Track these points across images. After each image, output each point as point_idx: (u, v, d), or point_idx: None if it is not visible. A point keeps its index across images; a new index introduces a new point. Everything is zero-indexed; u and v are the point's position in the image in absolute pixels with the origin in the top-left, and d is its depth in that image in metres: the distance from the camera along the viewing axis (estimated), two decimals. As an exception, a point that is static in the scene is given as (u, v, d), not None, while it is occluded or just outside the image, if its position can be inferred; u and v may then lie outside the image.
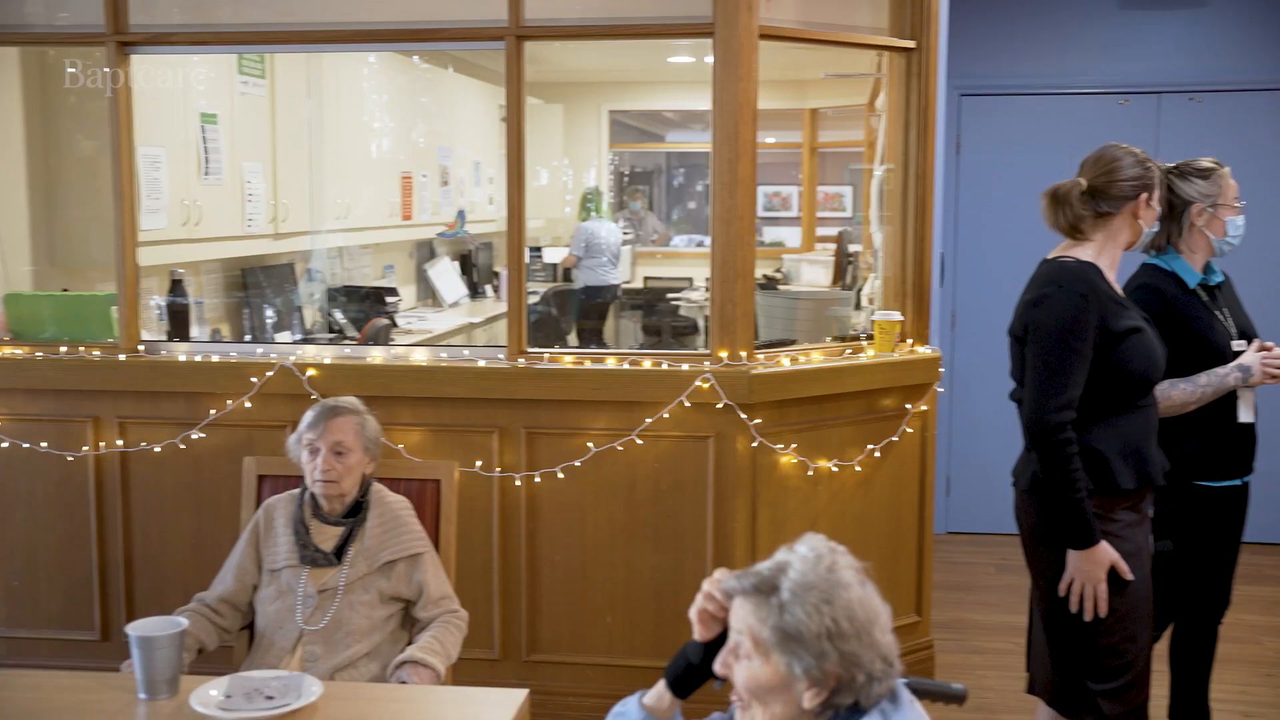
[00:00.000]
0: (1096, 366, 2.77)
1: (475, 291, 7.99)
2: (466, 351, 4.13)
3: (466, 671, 3.54)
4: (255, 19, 4.09)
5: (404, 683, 2.71)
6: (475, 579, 3.99)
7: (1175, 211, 3.32)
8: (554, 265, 9.06)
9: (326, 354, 4.12)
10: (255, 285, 5.42)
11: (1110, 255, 2.90)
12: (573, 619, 4.03)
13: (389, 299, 6.27)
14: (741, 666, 1.76)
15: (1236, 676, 4.43)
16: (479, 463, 3.95)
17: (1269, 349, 3.26)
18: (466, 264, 8.04)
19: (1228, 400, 3.27)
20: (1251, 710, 4.18)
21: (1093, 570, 2.78)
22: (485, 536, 4.00)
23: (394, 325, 6.12)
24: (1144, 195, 2.87)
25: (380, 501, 3.01)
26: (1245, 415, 3.29)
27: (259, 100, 5.28)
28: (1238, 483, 3.39)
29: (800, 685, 1.71)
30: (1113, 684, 2.85)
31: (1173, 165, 3.37)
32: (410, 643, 2.93)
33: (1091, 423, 2.79)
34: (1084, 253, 2.88)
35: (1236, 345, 3.30)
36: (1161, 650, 3.48)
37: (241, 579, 2.98)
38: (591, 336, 8.17)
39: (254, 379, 3.99)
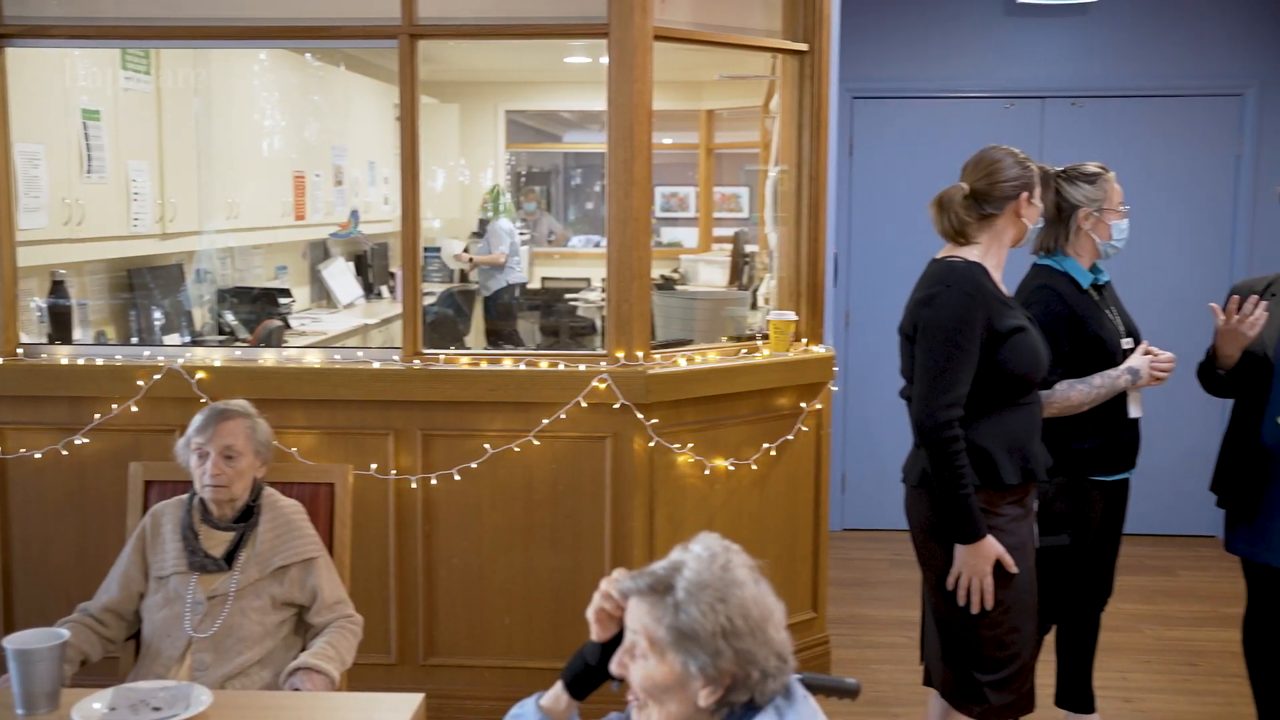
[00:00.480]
0: (982, 365, 2.83)
1: (371, 292, 7.89)
2: (361, 353, 4.08)
3: (362, 677, 3.50)
4: (139, 13, 3.99)
5: (297, 690, 2.67)
6: (371, 583, 3.94)
7: (1063, 215, 3.42)
8: (451, 265, 8.99)
9: (217, 356, 4.03)
10: (142, 286, 5.29)
11: (996, 255, 2.97)
12: (470, 622, 4.01)
13: (282, 300, 6.16)
14: (638, 666, 1.77)
15: (1118, 663, 4.57)
16: (374, 465, 3.90)
17: (1154, 353, 3.38)
18: (362, 264, 7.94)
19: (1119, 398, 3.38)
20: (1131, 695, 4.31)
21: (979, 564, 2.84)
22: (381, 540, 3.96)
23: (287, 327, 6.02)
24: (1025, 194, 2.94)
25: (272, 506, 2.96)
26: (1135, 411, 3.42)
27: (144, 97, 5.15)
28: (1126, 476, 3.51)
29: (696, 684, 1.73)
30: (999, 674, 2.92)
31: (1060, 169, 3.46)
32: (304, 649, 2.88)
33: (977, 419, 2.85)
34: (971, 253, 2.94)
35: (1125, 344, 3.42)
36: (1048, 639, 3.58)
37: (127, 587, 2.90)
38: (510, 336, 8.08)
39: (140, 382, 3.89)
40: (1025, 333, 2.89)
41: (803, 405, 4.21)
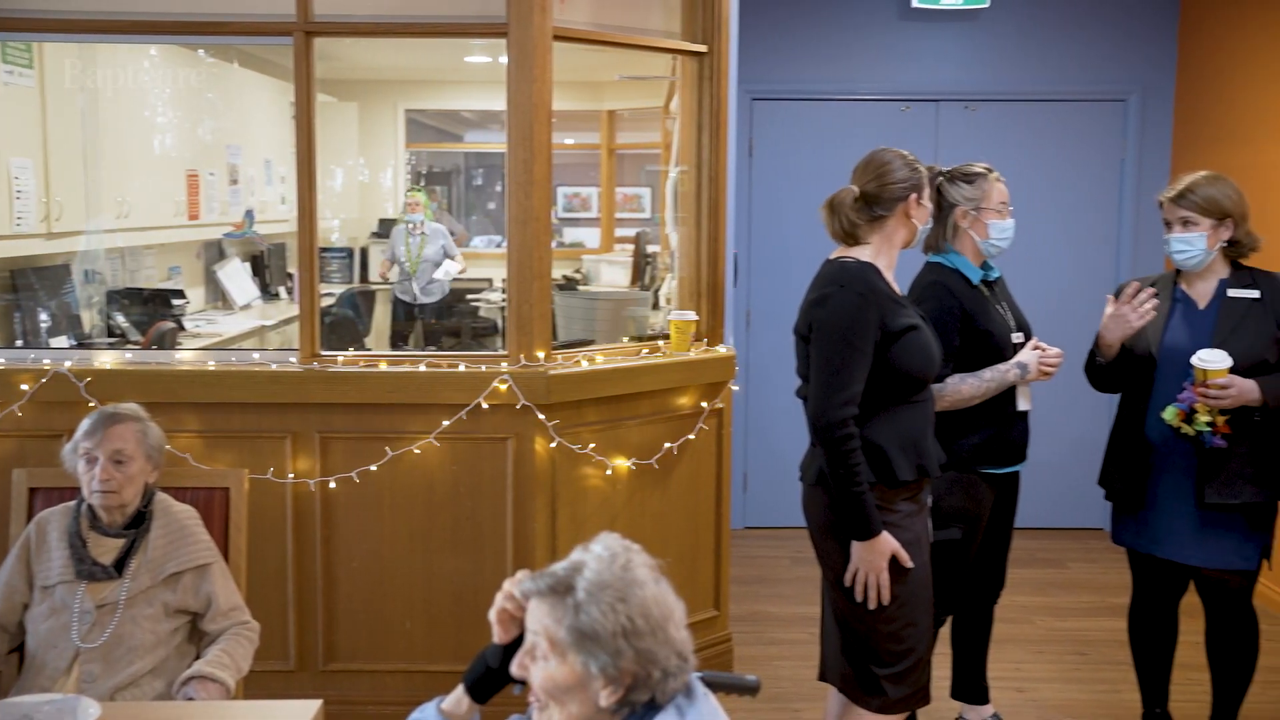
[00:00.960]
0: (876, 363, 2.87)
1: (268, 293, 7.75)
2: (257, 355, 4.00)
3: (260, 684, 3.44)
4: (19, 4, 3.87)
5: (191, 699, 2.61)
6: (269, 589, 3.88)
7: (942, 214, 3.50)
8: (346, 263, 8.86)
9: (106, 359, 3.93)
10: (26, 287, 5.13)
11: (888, 255, 3.02)
12: (371, 626, 3.96)
13: (175, 301, 6.03)
14: (538, 667, 1.76)
15: (1012, 654, 4.68)
16: (271, 469, 3.84)
17: (1042, 348, 3.47)
18: (259, 265, 7.80)
19: (1009, 392, 3.47)
20: (1025, 685, 4.41)
21: (875, 560, 2.88)
22: (279, 544, 3.89)
23: (181, 329, 5.89)
24: (914, 196, 2.99)
25: (165, 511, 2.89)
26: (1023, 405, 3.50)
27: (26, 92, 5.00)
28: (1015, 469, 3.59)
29: (597, 684, 1.73)
30: (897, 667, 2.96)
31: (946, 170, 3.54)
32: (198, 657, 2.82)
33: (871, 417, 2.89)
34: (863, 253, 2.99)
35: (1015, 338, 3.50)
36: (943, 632, 3.65)
37: (9, 598, 2.81)
38: (436, 336, 7.93)
39: (25, 386, 3.77)
40: (918, 331, 2.94)
41: (704, 405, 4.23)
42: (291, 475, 3.86)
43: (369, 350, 7.57)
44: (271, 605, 3.87)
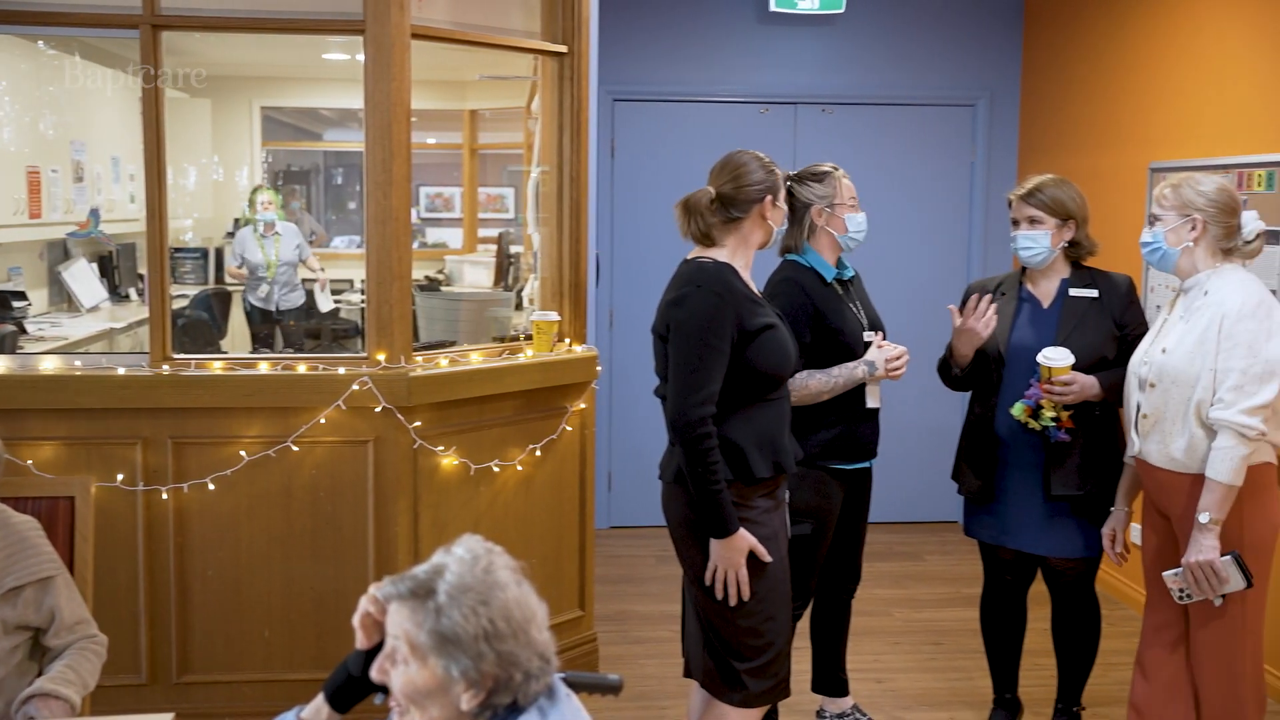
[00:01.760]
0: (733, 363, 2.91)
1: (118, 295, 7.49)
2: (105, 359, 3.87)
3: (109, 700, 3.33)
4: None
5: (32, 719, 2.51)
6: (118, 600, 3.75)
7: (797, 215, 3.57)
8: (201, 264, 8.62)
9: (-60, 364, 3.76)
10: None
11: (744, 256, 3.06)
12: (228, 636, 3.86)
13: (16, 304, 5.80)
14: (398, 672, 1.75)
15: (870, 646, 4.79)
16: (120, 476, 3.72)
17: (883, 347, 3.56)
18: (107, 266, 7.53)
19: (859, 389, 3.55)
20: (883, 676, 4.52)
21: (733, 557, 2.92)
22: (129, 554, 3.77)
23: (22, 332, 5.66)
24: (769, 198, 3.03)
25: (4, 523, 2.77)
26: (872, 402, 3.58)
27: None
28: (866, 465, 3.68)
29: (458, 688, 1.72)
30: (757, 662, 3.01)
31: (793, 173, 3.61)
32: (41, 674, 2.71)
33: (728, 416, 2.93)
34: (720, 254, 3.02)
35: (868, 336, 3.58)
36: (801, 626, 3.72)
37: None
38: (270, 339, 7.74)
39: None
40: (775, 330, 2.99)
41: (567, 405, 4.24)
42: (142, 483, 3.74)
43: (225, 353, 7.38)
44: (122, 617, 3.75)
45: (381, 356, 3.80)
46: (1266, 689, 3.35)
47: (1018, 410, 3.51)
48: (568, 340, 4.37)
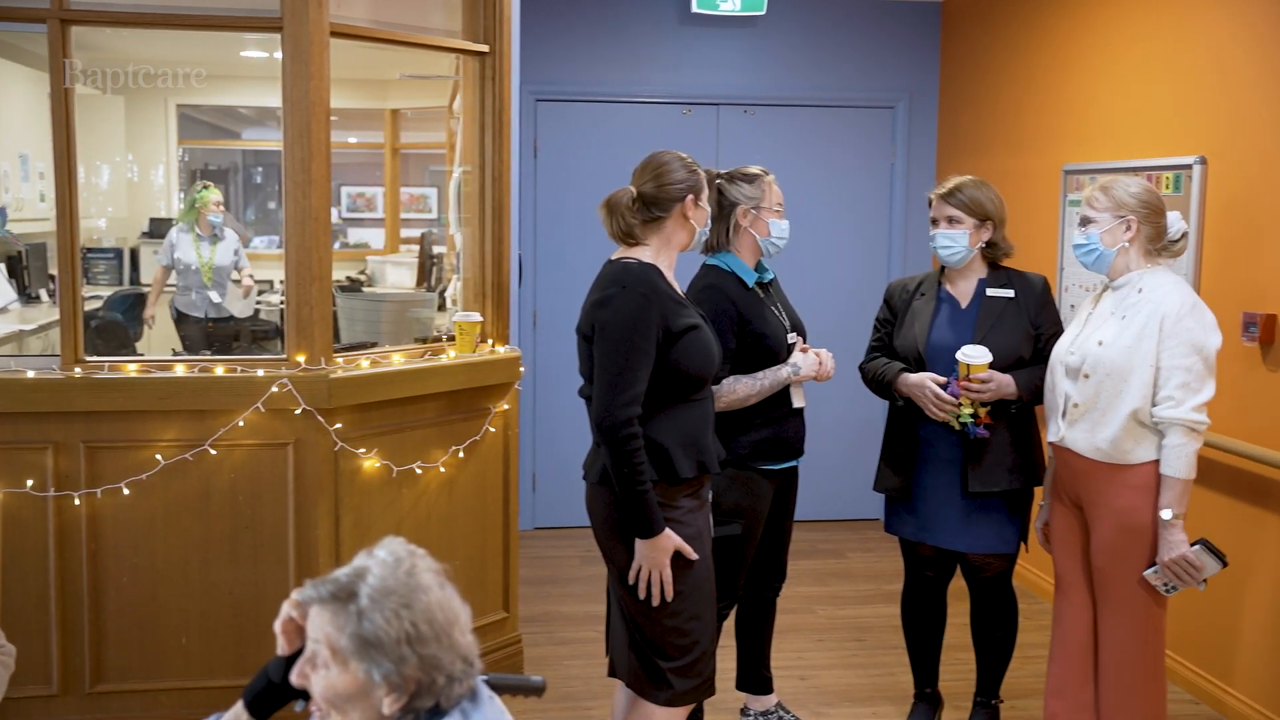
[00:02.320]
0: (658, 363, 2.91)
1: (27, 296, 7.30)
2: (14, 362, 3.78)
3: (19, 712, 3.25)
4: None
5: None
6: (29, 610, 3.66)
7: (723, 213, 3.59)
8: (115, 265, 8.44)
9: None
10: None
11: (668, 256, 3.07)
12: (144, 644, 3.79)
13: (-80, 305, 5.63)
14: (319, 676, 1.73)
15: (794, 644, 4.82)
16: (30, 482, 3.63)
17: (805, 348, 3.60)
18: (15, 266, 7.34)
19: (783, 390, 3.58)
20: (807, 673, 4.56)
21: (658, 557, 2.93)
22: (40, 562, 3.68)
23: (-73, 334, 5.50)
24: (691, 197, 3.04)
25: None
26: (798, 402, 3.62)
27: None
28: (792, 465, 3.71)
29: (379, 692, 1.70)
30: (682, 661, 3.02)
31: (724, 172, 3.63)
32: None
33: (653, 416, 2.93)
34: (644, 254, 3.03)
35: (790, 339, 3.62)
36: (726, 625, 3.73)
37: None
38: (214, 340, 7.56)
39: None
40: (699, 331, 3.00)
41: (490, 406, 4.22)
42: (53, 488, 3.65)
43: (141, 355, 7.24)
44: (32, 627, 3.66)
45: (301, 358, 3.75)
46: (1166, 673, 3.44)
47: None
48: (490, 341, 4.35)
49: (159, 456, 3.68)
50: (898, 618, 4.08)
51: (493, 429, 4.24)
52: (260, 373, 3.72)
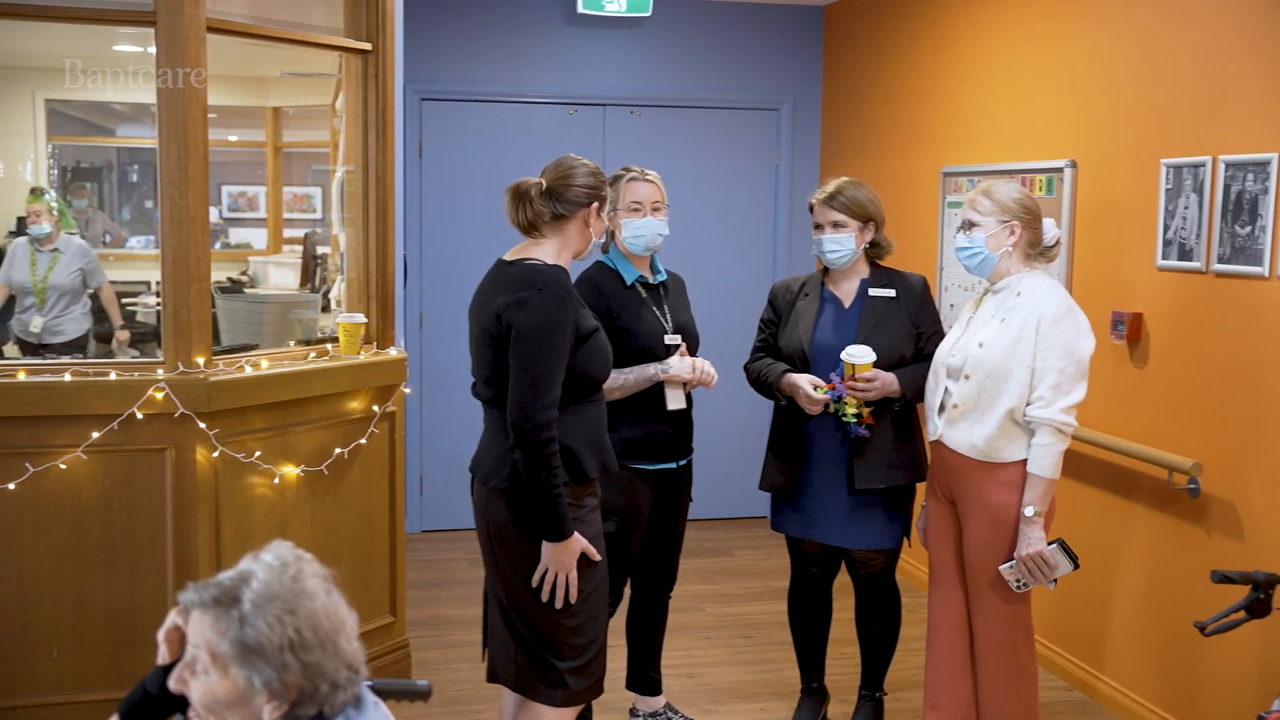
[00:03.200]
0: (567, 365, 2.92)
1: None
2: None
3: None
4: None
5: None
6: (-111, 625, 3.52)
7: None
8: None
9: None
10: None
11: (566, 260, 3.07)
12: (12, 658, 3.65)
13: None
14: (198, 682, 1.70)
15: (683, 642, 4.86)
16: (-111, 492, 3.48)
17: (684, 353, 3.63)
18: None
19: (659, 392, 3.60)
20: (695, 671, 4.59)
21: (567, 560, 2.93)
22: (-99, 575, 3.53)
23: None
24: (596, 205, 3.07)
25: None
26: (673, 404, 3.63)
27: None
28: (674, 465, 3.72)
29: (260, 699, 1.68)
30: (580, 661, 3.02)
31: None
32: None
33: (560, 417, 2.92)
34: (545, 255, 3.02)
35: (669, 339, 3.64)
36: (616, 625, 3.74)
37: None
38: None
39: None
40: (599, 333, 3.03)
41: (375, 408, 4.16)
42: (-85, 498, 3.51)
43: (7, 359, 6.99)
44: (-106, 642, 3.52)
45: (179, 361, 3.66)
46: (1038, 661, 3.55)
47: (821, 392, 3.61)
48: (375, 343, 4.30)
49: (28, 464, 3.55)
50: (784, 614, 4.14)
51: (378, 432, 4.19)
52: (136, 376, 3.62)
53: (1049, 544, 3.31)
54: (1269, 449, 3.55)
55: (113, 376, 3.61)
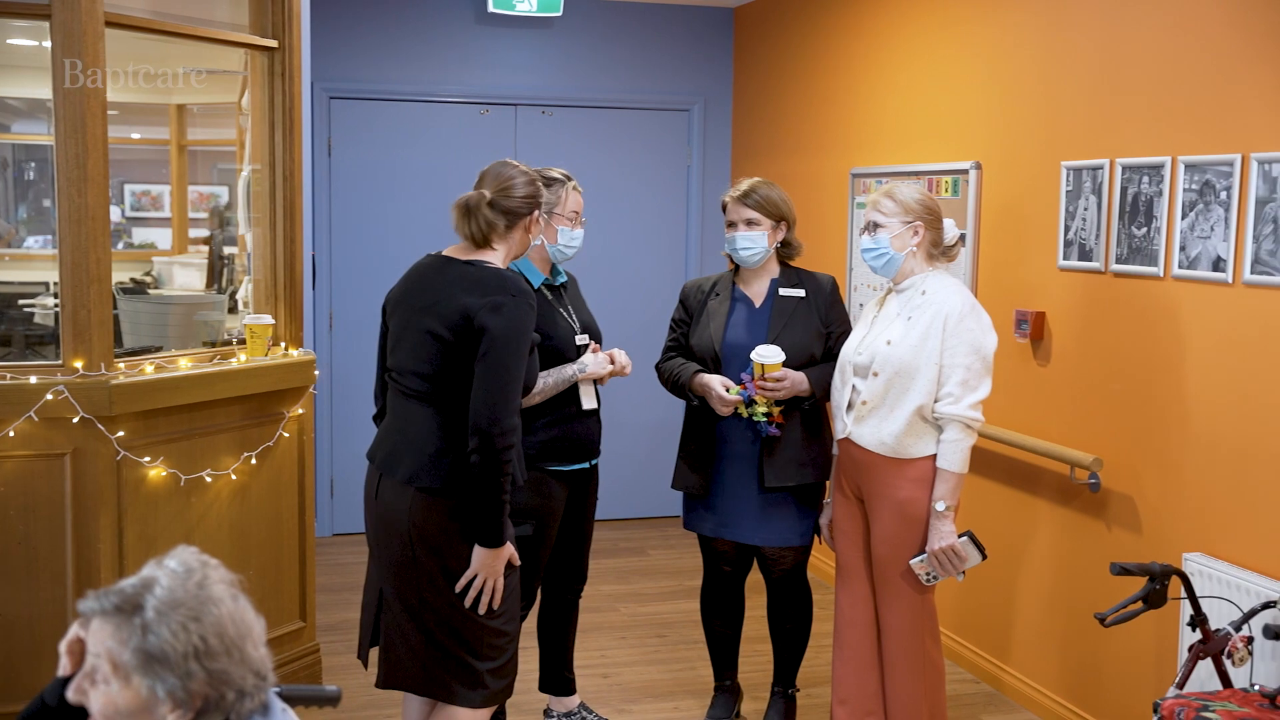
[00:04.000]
0: None
1: None
2: None
3: None
4: None
5: None
6: None
7: None
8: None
9: None
10: None
11: (506, 263, 3.08)
12: (-95, 671, 3.54)
13: None
14: (98, 692, 1.66)
15: (597, 642, 4.86)
16: None
17: (596, 349, 3.64)
18: None
19: (573, 392, 3.60)
20: (609, 671, 4.60)
21: (498, 565, 2.94)
22: None
23: None
24: (535, 212, 3.09)
25: None
26: (588, 404, 3.64)
27: None
28: (585, 466, 3.73)
29: (163, 708, 1.65)
30: (498, 661, 3.03)
31: None
32: None
33: None
34: (496, 259, 3.03)
35: (580, 340, 3.64)
36: (528, 626, 3.74)
37: None
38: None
39: None
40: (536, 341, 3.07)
41: (284, 411, 4.11)
42: None
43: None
44: None
45: (79, 364, 3.57)
46: (945, 654, 3.62)
47: (734, 392, 3.63)
48: (284, 344, 4.24)
49: (-80, 470, 3.45)
50: (698, 612, 4.16)
51: (287, 434, 4.13)
52: (33, 380, 3.52)
53: (959, 536, 3.37)
54: (1164, 444, 3.65)
55: (8, 380, 3.51)
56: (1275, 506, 3.28)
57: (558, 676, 3.97)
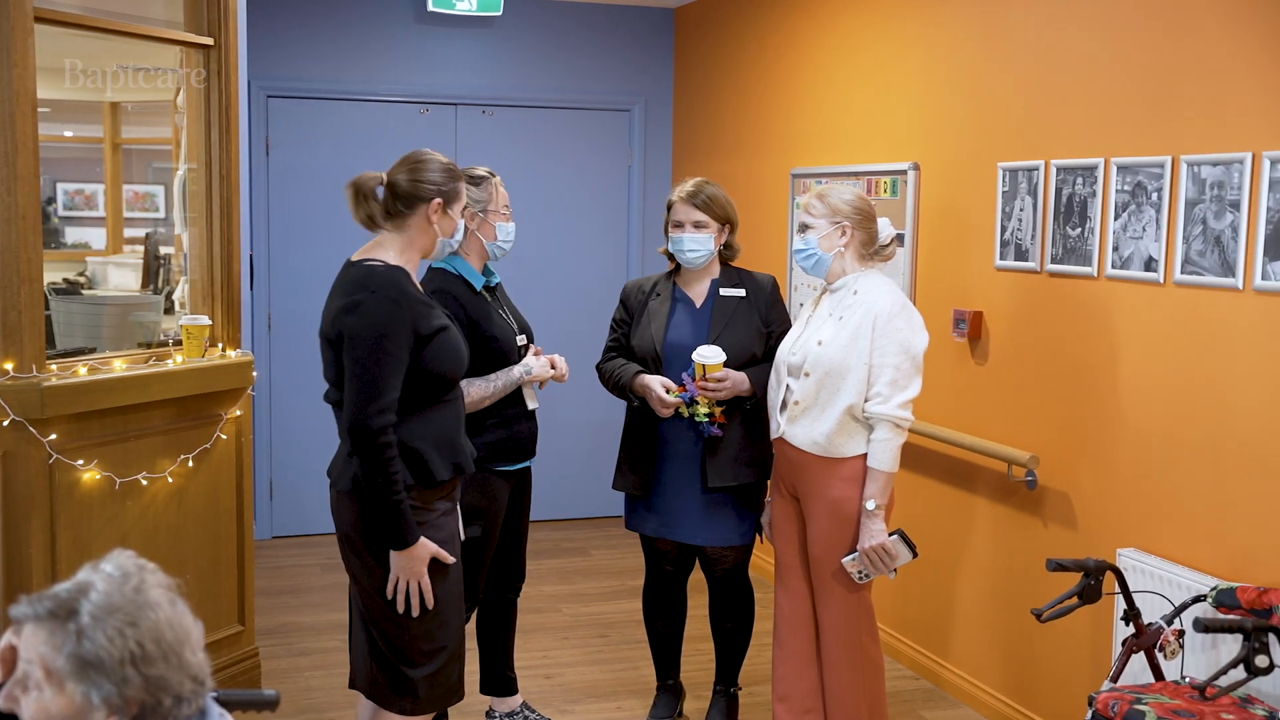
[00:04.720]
0: (409, 367, 2.87)
1: None
2: None
3: None
4: None
5: None
6: None
7: None
8: None
9: None
10: None
11: (411, 259, 3.02)
12: None
13: None
14: (30, 699, 1.63)
15: (539, 643, 4.85)
16: None
17: (539, 352, 3.65)
18: None
19: (516, 392, 3.59)
20: (552, 672, 4.59)
21: (415, 566, 2.89)
22: None
23: None
24: (439, 201, 2.99)
25: None
26: (531, 404, 3.65)
27: None
28: (526, 465, 3.73)
29: (98, 715, 1.63)
30: (429, 668, 2.99)
31: None
32: None
33: (406, 419, 2.88)
34: (388, 255, 2.96)
35: (519, 340, 3.64)
36: (469, 628, 3.72)
37: None
38: None
39: None
40: (448, 332, 2.98)
41: (221, 412, 4.06)
42: None
43: None
44: None
45: (9, 366, 3.51)
46: (883, 650, 3.65)
47: (674, 394, 3.65)
48: (221, 345, 4.19)
49: None
50: (640, 612, 4.16)
51: (224, 436, 4.08)
52: (-38, 382, 3.45)
53: (890, 535, 3.41)
54: (1099, 441, 3.71)
55: (-63, 383, 3.44)
56: (1205, 502, 3.35)
57: (499, 676, 3.96)
